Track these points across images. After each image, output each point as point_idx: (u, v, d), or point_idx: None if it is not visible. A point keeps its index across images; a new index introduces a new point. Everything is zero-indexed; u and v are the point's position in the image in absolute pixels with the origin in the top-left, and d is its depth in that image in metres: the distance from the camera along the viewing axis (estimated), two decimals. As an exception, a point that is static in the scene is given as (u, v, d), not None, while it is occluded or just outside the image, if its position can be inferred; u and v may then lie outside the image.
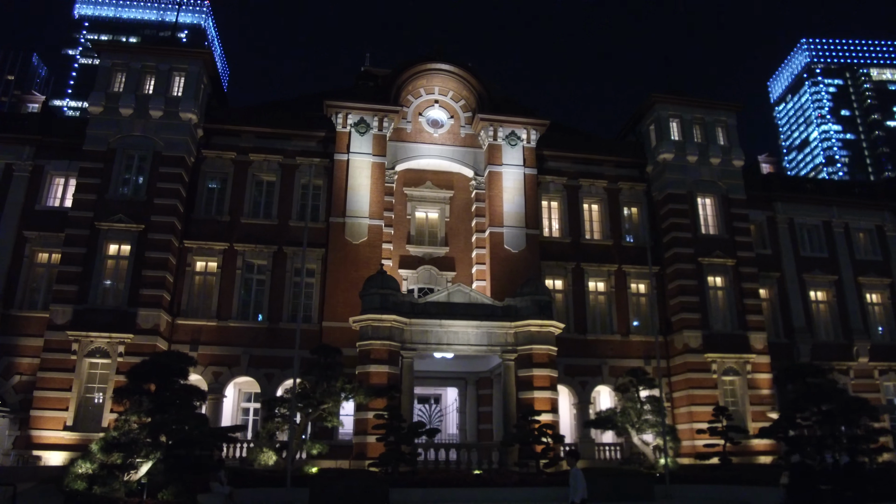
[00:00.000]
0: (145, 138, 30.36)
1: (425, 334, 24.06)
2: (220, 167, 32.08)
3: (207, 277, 30.72)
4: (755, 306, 33.52)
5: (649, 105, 35.98)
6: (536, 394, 23.89)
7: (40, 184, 31.18)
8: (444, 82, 34.78)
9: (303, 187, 32.63)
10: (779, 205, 37.81)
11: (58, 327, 27.48)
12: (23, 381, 28.33)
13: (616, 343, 32.88)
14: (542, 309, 24.77)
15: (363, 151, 32.04)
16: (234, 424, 23.80)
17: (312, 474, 18.30)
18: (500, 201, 32.61)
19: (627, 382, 26.06)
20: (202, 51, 31.83)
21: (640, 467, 24.07)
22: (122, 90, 30.88)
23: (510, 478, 19.67)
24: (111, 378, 27.12)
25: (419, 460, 21.46)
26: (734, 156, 35.63)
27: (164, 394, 14.23)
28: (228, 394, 29.60)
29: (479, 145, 34.32)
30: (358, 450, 22.29)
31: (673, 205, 33.99)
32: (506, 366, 24.52)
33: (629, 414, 24.65)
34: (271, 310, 30.29)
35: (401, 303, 23.83)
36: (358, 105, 32.33)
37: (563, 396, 30.77)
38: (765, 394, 32.06)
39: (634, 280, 34.24)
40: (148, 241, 28.90)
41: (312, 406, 19.30)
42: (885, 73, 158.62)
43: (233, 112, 33.66)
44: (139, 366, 14.87)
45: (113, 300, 28.26)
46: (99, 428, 26.38)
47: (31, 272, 30.21)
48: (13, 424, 27.96)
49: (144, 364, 14.87)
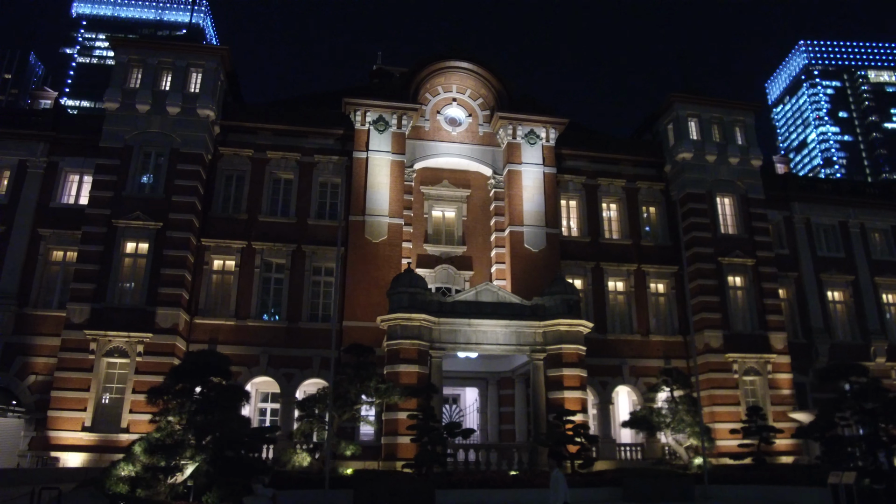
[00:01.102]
0: (162, 135, 29.94)
1: (454, 333, 23.77)
2: (237, 164, 31.68)
3: (225, 276, 30.31)
4: (775, 306, 33.37)
5: (667, 104, 35.81)
6: (567, 394, 23.63)
7: (55, 181, 30.71)
8: (461, 80, 34.50)
9: (321, 185, 32.30)
10: (795, 205, 37.71)
11: (75, 326, 27.03)
12: (38, 381, 27.85)
13: (636, 343, 32.66)
14: (571, 308, 24.52)
15: (382, 149, 31.71)
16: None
17: (353, 475, 17.98)
18: (520, 200, 32.34)
19: (661, 382, 25.81)
20: (220, 47, 31.43)
21: (669, 467, 23.83)
22: (139, 86, 30.47)
23: (546, 479, 19.39)
24: (130, 378, 26.71)
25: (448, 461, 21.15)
26: (752, 155, 35.50)
27: (209, 394, 13.87)
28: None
29: (497, 144, 34.04)
30: (388, 451, 21.96)
31: (692, 204, 33.81)
32: (534, 365, 24.24)
33: (664, 414, 24.40)
34: (290, 309, 29.91)
35: (429, 302, 23.53)
36: (377, 103, 32.00)
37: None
38: (785, 394, 31.92)
39: (654, 280, 34.05)
40: (166, 239, 28.49)
41: (347, 406, 18.97)
42: (883, 74, 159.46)
43: (249, 109, 33.27)
44: (182, 365, 14.50)
45: (131, 299, 27.83)
46: (118, 429, 26.04)
47: (46, 270, 29.72)
48: (29, 425, 27.47)
49: (188, 363, 14.51)
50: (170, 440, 13.22)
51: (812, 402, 34.10)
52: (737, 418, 30.38)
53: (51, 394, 26.40)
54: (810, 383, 34.78)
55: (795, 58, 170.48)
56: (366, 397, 19.75)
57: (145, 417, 25.88)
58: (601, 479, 19.96)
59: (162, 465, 13.18)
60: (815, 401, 34.22)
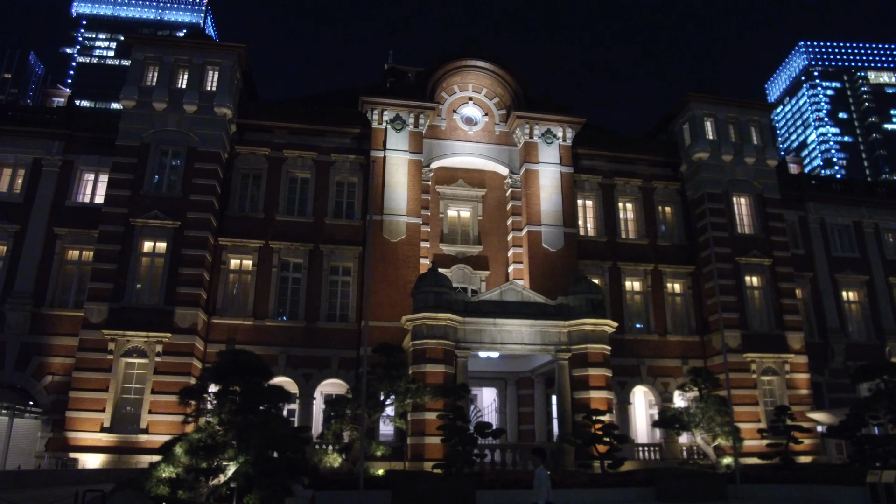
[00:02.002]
0: (180, 133, 29.73)
1: (479, 333, 23.62)
2: (254, 163, 31.49)
3: (242, 276, 30.12)
4: (792, 306, 33.33)
5: (683, 104, 35.74)
6: (593, 393, 23.50)
7: (70, 179, 30.47)
8: (477, 79, 34.37)
9: (337, 184, 32.13)
10: (810, 205, 37.70)
11: (93, 326, 26.79)
12: (55, 382, 27.62)
13: (653, 343, 32.56)
14: (596, 307, 24.40)
15: (400, 148, 31.55)
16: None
17: (388, 476, 17.82)
18: (538, 200, 32.21)
19: (689, 381, 25.73)
20: (237, 45, 31.20)
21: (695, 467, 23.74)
22: (155, 84, 30.24)
23: (579, 479, 19.30)
24: (149, 378, 26.47)
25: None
26: (768, 155, 35.47)
27: (251, 394, 13.68)
28: (266, 394, 28.97)
29: (513, 143, 33.91)
30: (414, 451, 21.80)
31: (709, 204, 33.70)
32: (560, 365, 24.10)
33: (694, 413, 24.30)
34: (308, 309, 29.72)
35: (454, 301, 23.38)
36: (394, 101, 31.84)
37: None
38: (803, 394, 31.85)
39: (670, 279, 33.97)
40: (184, 238, 28.27)
41: (378, 407, 18.79)
42: (883, 76, 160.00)
43: (265, 107, 33.08)
44: (221, 364, 14.31)
45: (149, 298, 27.59)
46: (138, 430, 25.81)
47: (62, 270, 29.48)
48: (46, 426, 27.24)
49: (227, 363, 14.32)
50: (211, 441, 13.03)
51: (829, 403, 34.11)
52: (755, 418, 30.37)
53: (69, 394, 26.15)
54: (827, 383, 34.77)
55: (795, 59, 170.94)
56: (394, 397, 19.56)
57: (165, 418, 26.00)
58: (632, 478, 19.84)
59: (203, 466, 12.98)
60: (832, 401, 34.26)
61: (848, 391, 35.04)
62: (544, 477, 11.05)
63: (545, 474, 11.11)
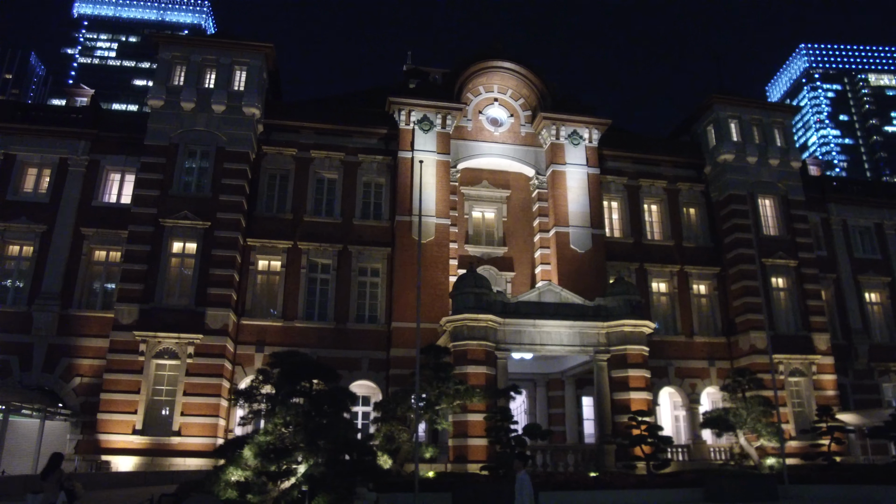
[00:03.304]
0: (208, 133, 29.56)
1: (519, 334, 23.51)
2: (281, 163, 31.32)
3: (270, 276, 29.94)
4: (817, 307, 33.36)
5: (707, 106, 35.75)
6: (633, 394, 23.41)
7: (96, 179, 30.26)
8: (503, 80, 34.28)
9: (364, 185, 32.00)
10: (832, 206, 37.74)
11: (123, 327, 26.59)
12: (84, 384, 27.39)
13: (680, 344, 32.52)
14: (634, 308, 24.32)
15: (427, 149, 31.43)
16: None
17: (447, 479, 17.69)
18: (565, 201, 32.13)
19: (734, 383, 25.71)
20: (264, 45, 31.04)
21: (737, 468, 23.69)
22: (183, 84, 30.07)
23: (628, 480, 19.20)
24: (181, 380, 26.28)
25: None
26: (792, 157, 35.51)
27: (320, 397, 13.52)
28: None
29: (539, 144, 33.83)
30: (457, 452, 21.66)
31: (735, 205, 33.72)
32: (598, 366, 24.01)
33: (740, 414, 24.28)
34: (337, 310, 29.56)
35: (493, 302, 23.25)
36: (422, 102, 31.73)
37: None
38: (830, 395, 31.85)
39: (696, 281, 33.94)
40: (214, 238, 28.10)
41: (428, 408, 18.66)
42: (883, 78, 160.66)
43: (292, 107, 32.91)
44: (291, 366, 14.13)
45: (179, 299, 27.39)
46: (170, 432, 25.60)
47: (89, 271, 29.25)
48: (74, 428, 27.00)
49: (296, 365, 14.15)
50: (280, 444, 12.86)
51: (853, 404, 34.13)
52: (784, 419, 30.30)
53: (100, 396, 25.94)
54: (851, 384, 34.81)
55: (796, 61, 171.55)
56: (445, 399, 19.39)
57: (198, 420, 25.82)
58: (679, 479, 19.77)
59: (272, 469, 12.81)
60: (856, 402, 34.29)
61: (872, 392, 35.13)
62: (526, 482, 11.16)
63: (527, 479, 11.25)
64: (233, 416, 27.71)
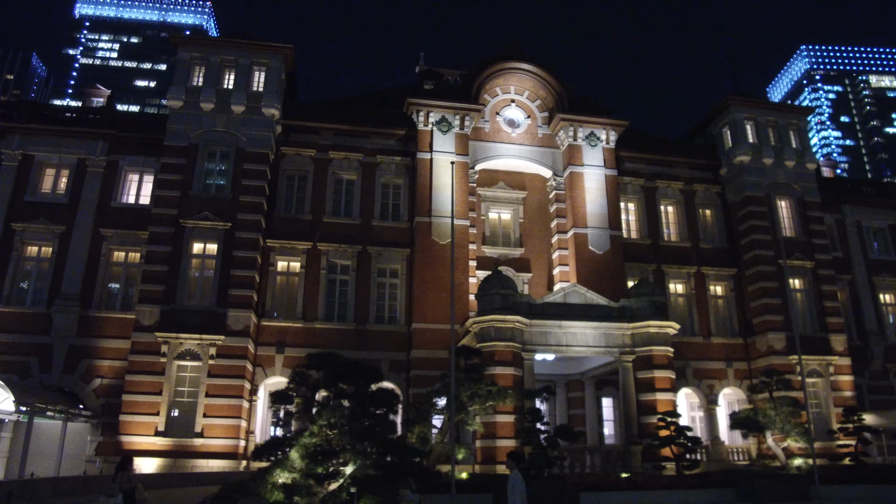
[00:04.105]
0: (228, 134, 29.51)
1: (545, 335, 23.52)
2: (300, 164, 31.29)
3: (290, 277, 29.89)
4: (834, 308, 33.43)
5: (723, 107, 35.81)
6: (658, 395, 23.45)
7: (115, 180, 30.18)
8: (520, 81, 34.29)
9: (383, 186, 31.98)
10: (846, 208, 37.81)
11: (145, 328, 26.51)
12: (104, 385, 27.33)
13: (698, 345, 32.53)
14: (658, 310, 24.35)
15: (446, 150, 31.42)
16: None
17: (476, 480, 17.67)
18: (583, 202, 32.15)
19: (761, 383, 25.75)
20: (284, 45, 31.00)
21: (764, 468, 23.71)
22: (202, 84, 30.03)
23: (660, 480, 19.21)
24: (203, 381, 26.21)
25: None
26: (807, 158, 35.58)
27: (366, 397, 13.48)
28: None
29: (556, 145, 33.85)
30: (485, 454, 21.64)
31: (752, 207, 33.77)
32: (624, 367, 24.02)
33: (769, 415, 24.31)
34: (357, 311, 29.53)
35: (520, 303, 23.26)
36: (440, 103, 31.72)
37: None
38: (847, 395, 31.90)
39: (713, 282, 33.99)
40: (235, 239, 28.05)
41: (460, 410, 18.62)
42: (884, 79, 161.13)
43: (310, 108, 32.89)
44: (334, 368, 14.09)
45: (200, 301, 27.33)
46: (193, 434, 25.52)
47: (108, 271, 29.17)
48: (95, 430, 26.91)
49: (341, 366, 14.12)
50: (326, 445, 12.82)
51: (869, 404, 34.16)
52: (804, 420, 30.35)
53: (122, 398, 25.85)
54: (867, 385, 34.87)
55: (797, 62, 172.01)
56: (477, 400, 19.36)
57: (221, 422, 25.77)
58: (710, 480, 19.79)
59: (319, 471, 12.77)
60: (871, 403, 34.32)
61: (887, 393, 35.18)
62: (519, 481, 11.17)
63: (520, 478, 11.25)
64: (253, 417, 27.71)
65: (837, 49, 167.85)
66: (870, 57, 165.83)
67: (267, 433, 28.38)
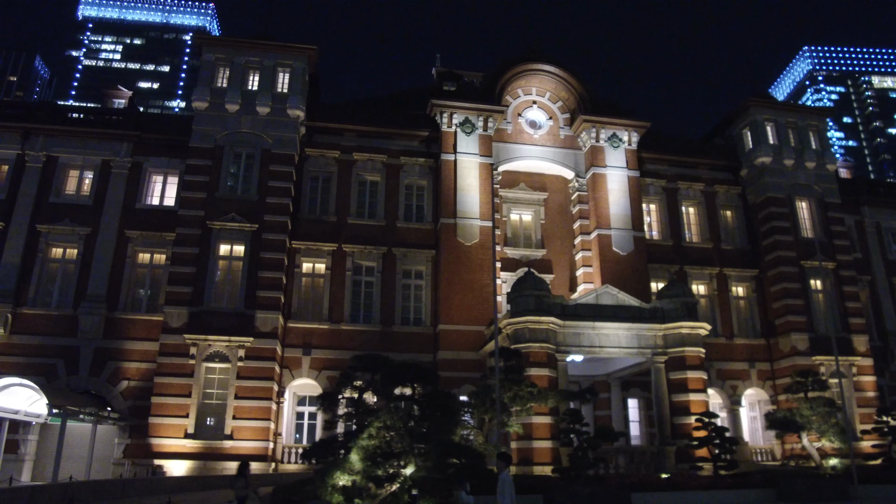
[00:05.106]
0: (253, 135, 29.50)
1: (578, 336, 23.52)
2: (324, 166, 31.27)
3: (315, 279, 29.86)
4: (856, 309, 33.48)
5: (743, 109, 35.86)
6: (692, 396, 23.47)
7: (139, 181, 30.12)
8: (541, 83, 34.30)
9: (406, 187, 31.97)
10: (865, 209, 37.86)
11: (173, 330, 26.47)
12: (131, 387, 27.27)
13: (721, 346, 32.52)
14: (690, 310, 24.38)
15: (470, 151, 31.43)
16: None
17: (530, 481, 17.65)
18: (606, 203, 32.16)
19: (796, 384, 25.80)
20: (307, 47, 30.98)
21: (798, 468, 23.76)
22: (227, 86, 30.01)
23: (699, 481, 19.22)
24: (232, 383, 26.18)
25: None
26: (827, 160, 35.66)
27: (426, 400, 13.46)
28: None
29: (578, 147, 33.86)
30: (522, 455, 21.60)
31: (773, 208, 33.82)
32: (656, 368, 24.04)
33: (805, 415, 24.36)
34: (383, 312, 29.50)
35: (553, 305, 23.26)
36: (464, 104, 31.73)
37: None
38: (870, 396, 31.95)
39: (735, 283, 34.02)
40: (262, 241, 28.03)
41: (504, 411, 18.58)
42: (887, 80, 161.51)
43: (333, 109, 32.86)
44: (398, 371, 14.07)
45: (229, 302, 27.30)
46: (222, 436, 25.49)
47: (134, 273, 29.10)
48: (122, 432, 26.86)
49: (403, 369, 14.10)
50: (386, 448, 12.79)
51: (890, 405, 34.16)
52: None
53: (151, 400, 25.81)
54: (888, 385, 34.90)
55: (800, 63, 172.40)
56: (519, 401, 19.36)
57: (250, 424, 25.76)
58: (748, 480, 19.81)
59: (379, 473, 12.74)
60: (892, 403, 34.31)
61: (908, 393, 35.21)
62: (508, 482, 11.23)
63: (509, 479, 11.30)
64: (280, 419, 27.64)
65: (840, 50, 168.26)
66: (872, 58, 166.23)
67: (292, 435, 28.38)
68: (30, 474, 26.20)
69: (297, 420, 28.89)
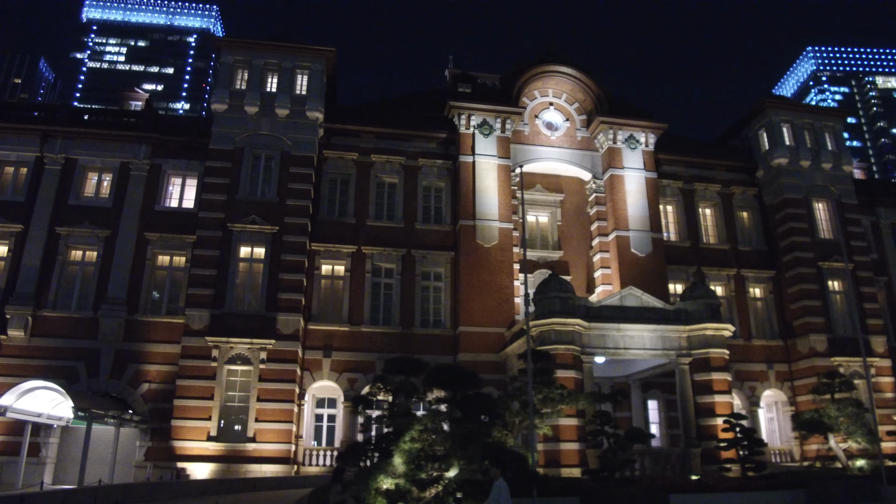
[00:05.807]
0: (273, 137, 29.50)
1: (603, 338, 23.50)
2: (342, 168, 31.28)
3: (335, 281, 29.85)
4: (874, 310, 33.46)
5: (759, 110, 35.84)
6: (717, 398, 23.44)
7: (158, 184, 30.11)
8: (558, 84, 34.29)
9: (424, 189, 31.97)
10: (881, 210, 37.80)
11: (195, 333, 26.46)
12: (152, 390, 27.23)
13: (739, 347, 32.37)
14: (714, 312, 24.35)
15: (488, 153, 31.43)
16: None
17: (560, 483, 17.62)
18: (624, 205, 32.14)
19: (821, 385, 25.77)
20: (326, 49, 31.00)
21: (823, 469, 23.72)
22: (246, 88, 30.02)
23: (729, 482, 19.20)
24: (254, 385, 26.15)
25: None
26: (843, 161, 35.64)
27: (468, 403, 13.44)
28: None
29: (594, 148, 33.85)
30: (549, 457, 21.56)
31: (790, 209, 33.79)
32: (681, 370, 24.00)
33: (832, 416, 24.34)
34: (402, 314, 29.48)
35: (578, 306, 23.24)
36: (482, 106, 31.73)
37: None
38: (889, 397, 31.93)
39: (752, 284, 34.01)
40: (283, 243, 28.02)
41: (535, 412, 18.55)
42: (891, 81, 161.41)
43: (351, 111, 32.89)
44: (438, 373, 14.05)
45: (250, 305, 27.28)
46: (245, 438, 25.46)
47: (153, 276, 29.08)
48: (144, 435, 26.81)
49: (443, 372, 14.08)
50: (429, 450, 12.76)
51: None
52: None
53: (173, 402, 25.80)
54: (906, 387, 34.76)
55: (803, 64, 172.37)
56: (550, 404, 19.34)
57: (272, 426, 25.73)
58: (778, 482, 19.76)
59: (423, 476, 12.72)
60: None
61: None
62: (504, 488, 11.27)
63: (505, 486, 11.32)
64: (301, 422, 27.59)
65: (844, 50, 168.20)
66: (876, 58, 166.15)
67: (311, 438, 28.36)
68: (51, 477, 26.17)
69: (315, 423, 28.87)
